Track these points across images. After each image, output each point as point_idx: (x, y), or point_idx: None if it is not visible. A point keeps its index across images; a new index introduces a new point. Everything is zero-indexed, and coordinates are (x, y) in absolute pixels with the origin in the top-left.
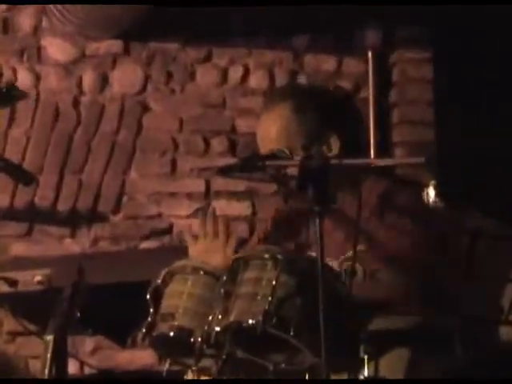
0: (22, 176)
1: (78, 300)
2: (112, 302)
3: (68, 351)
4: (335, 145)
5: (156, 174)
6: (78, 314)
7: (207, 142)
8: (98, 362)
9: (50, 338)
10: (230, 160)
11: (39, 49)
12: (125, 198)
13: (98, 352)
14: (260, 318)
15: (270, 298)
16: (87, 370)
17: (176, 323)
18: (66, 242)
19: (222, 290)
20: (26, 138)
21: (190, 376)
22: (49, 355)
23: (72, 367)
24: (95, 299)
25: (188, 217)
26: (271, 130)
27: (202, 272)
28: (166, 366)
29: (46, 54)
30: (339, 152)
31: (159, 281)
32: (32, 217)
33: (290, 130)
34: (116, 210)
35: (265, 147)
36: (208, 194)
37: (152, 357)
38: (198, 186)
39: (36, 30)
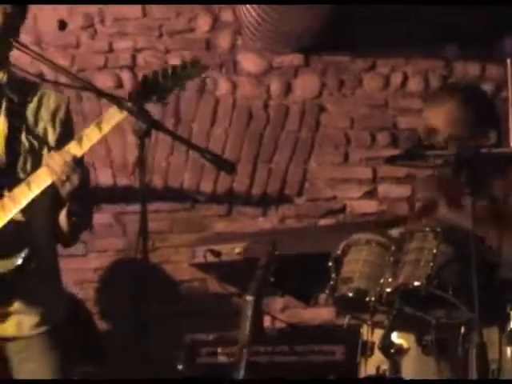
0: (224, 165)
1: (271, 267)
2: (297, 269)
3: (263, 309)
4: (493, 136)
5: (331, 163)
6: (272, 279)
7: (373, 137)
8: (287, 318)
9: (250, 298)
10: (393, 151)
11: (235, 63)
12: (306, 184)
13: (286, 310)
14: (424, 280)
15: (431, 264)
16: (278, 325)
17: (354, 285)
18: (259, 220)
19: (392, 258)
20: (226, 135)
21: (365, 329)
22: (249, 312)
23: (266, 323)
24: (284, 267)
25: (358, 198)
26: (439, 120)
27: (373, 244)
28: (346, 321)
29: (240, 67)
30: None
31: (339, 251)
32: (231, 200)
33: (457, 121)
34: (299, 193)
35: (442, 133)
36: (375, 179)
37: (331, 313)
38: (366, 173)
39: (232, 47)
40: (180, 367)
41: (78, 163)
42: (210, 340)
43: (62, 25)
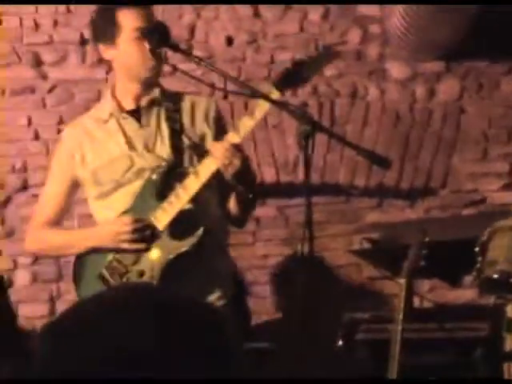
0: (380, 162)
1: (422, 253)
2: (444, 254)
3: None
4: None
5: (472, 159)
6: (423, 263)
7: (510, 135)
8: (434, 298)
9: (402, 281)
10: None
11: (383, 70)
12: (449, 178)
13: (433, 290)
14: None
15: None
16: (426, 304)
17: (499, 268)
18: (407, 211)
19: None
20: (376, 136)
21: (509, 307)
22: (403, 294)
23: (415, 302)
24: (433, 252)
25: (497, 190)
26: None
27: None
28: (491, 300)
29: (388, 74)
30: None
31: (484, 237)
32: (382, 193)
33: None
34: (443, 186)
35: None
36: (511, 173)
37: (474, 294)
38: (504, 167)
39: (381, 56)
40: (340, 343)
41: (238, 149)
42: (367, 318)
43: (230, 41)
